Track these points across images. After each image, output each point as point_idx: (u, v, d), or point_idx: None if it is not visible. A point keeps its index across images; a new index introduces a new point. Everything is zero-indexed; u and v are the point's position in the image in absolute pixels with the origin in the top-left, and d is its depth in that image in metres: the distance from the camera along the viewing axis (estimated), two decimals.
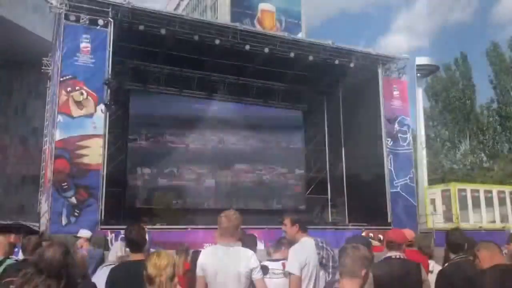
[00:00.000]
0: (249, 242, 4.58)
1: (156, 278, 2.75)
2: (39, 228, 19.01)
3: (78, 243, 6.88)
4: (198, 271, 3.74)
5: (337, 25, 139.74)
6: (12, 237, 9.20)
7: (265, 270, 3.93)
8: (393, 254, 4.03)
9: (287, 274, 3.79)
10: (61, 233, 13.71)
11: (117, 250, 5.99)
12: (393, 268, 3.91)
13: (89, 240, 6.86)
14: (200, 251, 5.34)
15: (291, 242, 3.98)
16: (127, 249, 4.23)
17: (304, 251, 3.78)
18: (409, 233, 5.06)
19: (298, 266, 3.71)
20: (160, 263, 2.80)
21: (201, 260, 3.77)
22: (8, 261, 4.91)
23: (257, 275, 3.62)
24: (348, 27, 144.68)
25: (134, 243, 3.83)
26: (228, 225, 3.77)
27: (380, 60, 21.13)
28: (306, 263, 3.73)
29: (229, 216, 3.82)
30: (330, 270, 3.82)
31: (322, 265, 3.79)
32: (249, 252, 3.76)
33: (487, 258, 3.04)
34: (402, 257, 4.05)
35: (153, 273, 2.77)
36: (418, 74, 26.23)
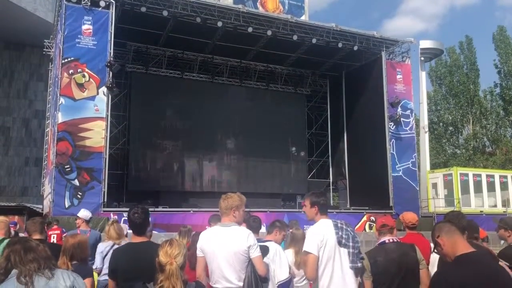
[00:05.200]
0: (253, 225, 4.60)
1: (166, 266, 2.80)
2: (42, 210, 19.19)
3: (76, 223, 6.91)
4: (198, 252, 3.80)
5: (344, 7, 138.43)
6: (16, 218, 9.24)
7: (264, 250, 3.96)
8: (387, 238, 4.05)
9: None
10: (63, 215, 13.83)
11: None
12: (389, 252, 3.94)
13: (87, 221, 6.85)
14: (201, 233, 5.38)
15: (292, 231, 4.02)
16: (129, 231, 4.20)
17: (321, 231, 3.82)
18: (412, 216, 5.06)
19: (315, 246, 3.76)
20: (171, 252, 2.85)
21: (200, 241, 3.82)
22: (7, 241, 4.93)
23: (254, 253, 3.66)
24: (355, 9, 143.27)
25: (138, 226, 3.80)
26: (225, 205, 3.84)
27: (384, 43, 20.96)
28: (323, 243, 3.77)
29: (225, 198, 3.89)
30: (351, 250, 3.84)
31: (342, 244, 3.82)
32: (246, 230, 3.80)
33: (449, 245, 2.83)
34: (396, 240, 4.06)
35: (164, 261, 2.82)
36: (422, 58, 26.01)
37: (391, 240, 4.02)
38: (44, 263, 2.57)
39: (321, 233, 3.80)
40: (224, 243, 3.66)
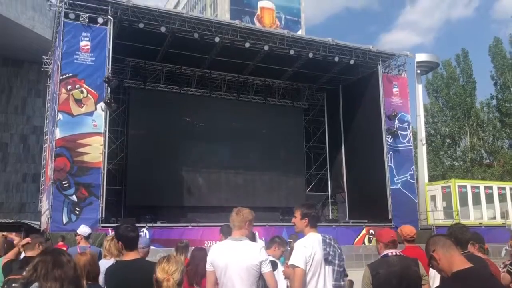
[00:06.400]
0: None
1: (164, 283, 2.78)
2: (39, 227, 19.08)
3: (76, 240, 6.85)
4: (208, 267, 3.76)
5: (341, 22, 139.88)
6: (13, 235, 9.14)
7: (274, 265, 3.94)
8: (390, 251, 4.04)
9: (292, 267, 3.78)
10: (61, 231, 13.75)
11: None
12: (391, 265, 3.90)
13: (86, 237, 6.79)
14: (201, 248, 5.35)
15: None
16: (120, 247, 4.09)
17: (310, 245, 3.77)
18: (410, 229, 5.07)
19: (303, 260, 3.71)
20: (168, 268, 2.83)
21: (211, 255, 3.78)
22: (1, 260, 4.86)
23: (266, 268, 3.64)
24: (352, 23, 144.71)
25: (131, 240, 3.72)
26: (240, 219, 3.82)
27: (380, 57, 21.11)
28: (311, 258, 3.73)
29: (239, 211, 3.88)
30: (336, 268, 3.80)
31: (328, 261, 3.77)
32: (258, 245, 3.79)
33: (445, 260, 2.74)
34: (398, 253, 4.05)
35: (161, 277, 2.80)
36: (418, 71, 26.21)
37: (394, 253, 4.00)
38: (68, 284, 2.38)
39: (309, 247, 3.75)
40: (236, 258, 3.63)
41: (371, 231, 18.79)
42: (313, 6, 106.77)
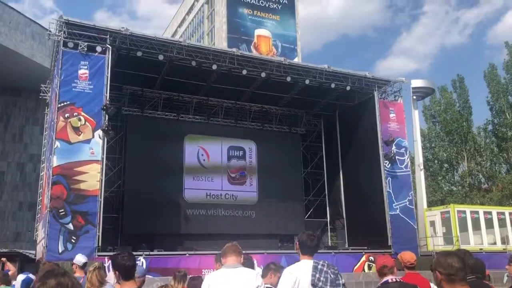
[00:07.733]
0: (246, 263, 4.56)
1: None
2: (35, 256, 18.80)
3: (73, 269, 6.73)
4: None
5: (337, 49, 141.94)
6: (7, 265, 8.96)
7: None
8: (389, 278, 4.00)
9: None
10: (57, 260, 13.52)
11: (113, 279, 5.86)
12: None
13: (82, 267, 6.64)
14: (198, 276, 5.30)
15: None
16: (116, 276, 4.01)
17: (295, 272, 3.77)
18: (410, 256, 5.01)
19: (288, 286, 3.72)
20: None
21: (207, 282, 3.79)
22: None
23: None
24: (348, 50, 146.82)
25: (128, 269, 3.71)
26: (233, 248, 3.90)
27: (376, 83, 21.29)
28: (296, 284, 3.72)
29: (233, 243, 4.00)
30: None
31: (319, 287, 3.73)
32: (254, 271, 3.80)
33: (447, 285, 2.81)
34: (398, 280, 4.01)
35: None
36: (414, 97, 26.46)
37: (393, 280, 3.98)
38: None
39: (294, 274, 3.75)
40: (233, 284, 3.65)
41: (371, 258, 18.57)
42: (310, 33, 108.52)
